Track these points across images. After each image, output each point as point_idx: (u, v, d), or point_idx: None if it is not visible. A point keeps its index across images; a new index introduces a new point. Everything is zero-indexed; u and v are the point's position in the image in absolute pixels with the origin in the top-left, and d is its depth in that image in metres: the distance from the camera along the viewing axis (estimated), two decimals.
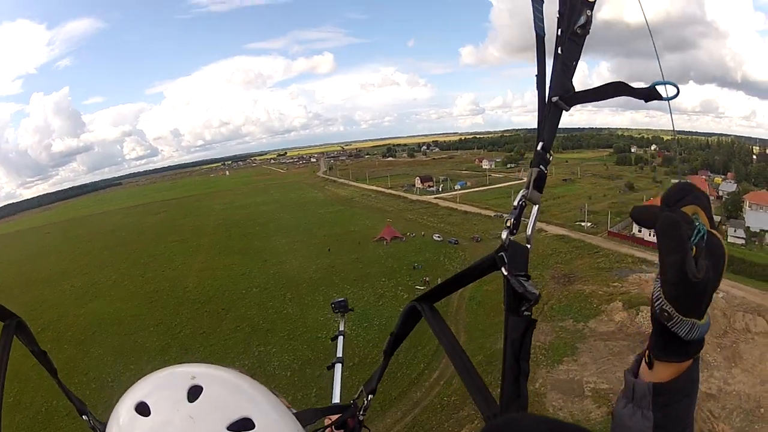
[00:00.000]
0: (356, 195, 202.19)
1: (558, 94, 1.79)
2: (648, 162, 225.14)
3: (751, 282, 79.99)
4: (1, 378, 1.96)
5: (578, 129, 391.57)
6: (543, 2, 1.87)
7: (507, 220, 1.86)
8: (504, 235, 1.84)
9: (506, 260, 1.78)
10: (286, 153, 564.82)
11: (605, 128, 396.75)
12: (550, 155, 1.81)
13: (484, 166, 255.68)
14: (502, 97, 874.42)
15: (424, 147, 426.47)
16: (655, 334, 1.51)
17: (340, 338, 5.42)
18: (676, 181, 1.49)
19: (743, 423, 48.66)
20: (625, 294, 76.28)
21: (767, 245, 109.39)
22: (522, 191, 1.84)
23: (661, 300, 1.39)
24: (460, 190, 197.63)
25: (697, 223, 1.32)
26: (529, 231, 1.85)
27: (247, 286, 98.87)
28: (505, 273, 1.76)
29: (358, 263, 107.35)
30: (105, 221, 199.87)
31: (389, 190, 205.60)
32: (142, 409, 1.44)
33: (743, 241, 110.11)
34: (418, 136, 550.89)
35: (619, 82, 1.79)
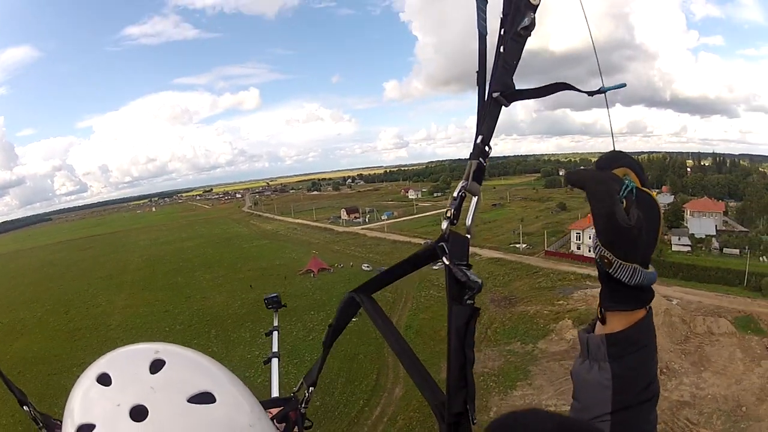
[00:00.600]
0: (281, 229, 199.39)
1: (499, 90, 1.78)
2: None
3: (704, 286, 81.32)
4: None
5: (503, 157, 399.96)
6: (486, 2, 1.84)
7: (447, 210, 1.83)
8: (444, 225, 1.83)
9: (447, 250, 1.76)
10: (212, 189, 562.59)
11: (531, 155, 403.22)
12: (489, 149, 1.81)
13: (410, 197, 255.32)
14: (426, 130, 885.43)
15: (349, 180, 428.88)
16: (602, 286, 1.60)
17: (275, 333, 5.22)
18: None
19: (726, 425, 46.62)
20: (573, 311, 73.08)
21: (715, 249, 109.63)
22: (461, 182, 1.82)
23: (599, 248, 1.46)
24: (387, 220, 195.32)
25: (626, 180, 1.37)
26: (468, 221, 1.82)
27: (170, 323, 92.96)
28: (447, 262, 1.73)
29: (285, 297, 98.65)
30: (33, 257, 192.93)
31: (315, 223, 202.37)
32: (104, 380, 1.42)
33: (689, 248, 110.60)
34: (343, 170, 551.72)
35: (562, 82, 1.80)
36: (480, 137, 1.77)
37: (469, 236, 1.77)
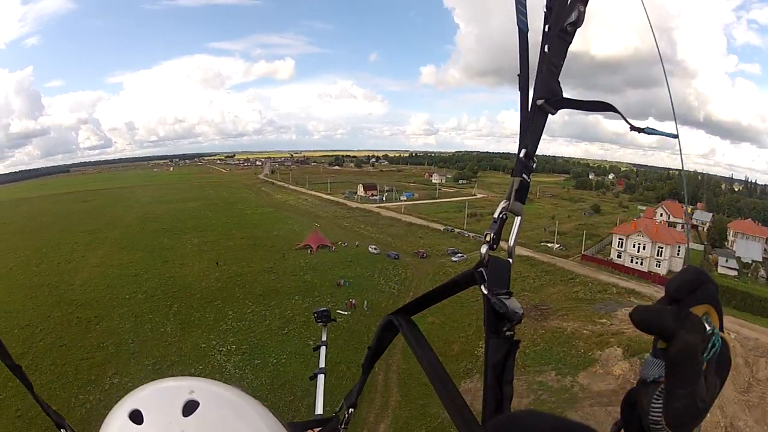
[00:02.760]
0: (291, 199, 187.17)
1: (544, 97, 1.61)
2: (609, 188, 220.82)
3: (759, 320, 68.48)
4: None
5: None
6: None
7: (486, 234, 1.66)
8: (483, 249, 1.64)
9: (486, 277, 1.59)
10: (234, 155, 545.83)
11: (559, 156, 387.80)
12: (534, 162, 1.64)
13: (434, 181, 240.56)
14: (457, 119, 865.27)
15: (373, 159, 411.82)
16: None
17: (323, 348, 4.54)
18: (684, 267, 1.09)
19: None
20: (619, 335, 57.72)
21: (762, 277, 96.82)
22: (503, 202, 1.66)
23: (660, 426, 1.08)
24: (406, 201, 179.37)
25: (713, 336, 1.05)
26: (511, 243, 1.68)
27: (133, 291, 79.52)
28: (485, 291, 1.56)
29: (271, 274, 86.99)
30: (33, 206, 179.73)
31: (328, 196, 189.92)
32: (136, 417, 1.37)
33: (736, 272, 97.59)
34: (370, 150, 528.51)
35: (609, 103, 1.63)
36: (523, 150, 1.61)
37: (510, 261, 1.63)
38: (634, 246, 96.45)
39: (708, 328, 1.04)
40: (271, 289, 78.41)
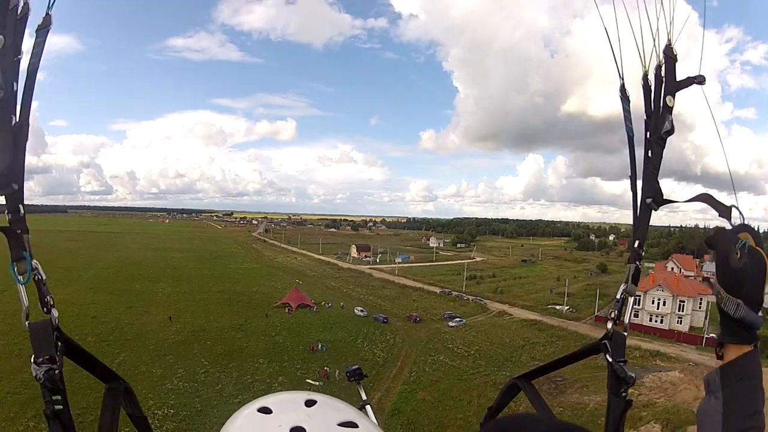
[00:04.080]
0: (280, 257, 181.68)
1: (650, 196, 1.87)
2: (611, 248, 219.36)
3: None
4: None
5: (529, 221, 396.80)
6: (629, 102, 1.95)
7: (611, 311, 1.91)
8: (609, 325, 1.90)
9: (609, 348, 1.87)
10: (232, 213, 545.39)
11: (558, 221, 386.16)
12: (643, 251, 1.89)
13: (431, 244, 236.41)
14: (456, 186, 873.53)
15: (370, 223, 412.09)
16: (719, 324, 1.64)
17: (368, 408, 3.55)
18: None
19: None
20: (652, 407, 48.30)
21: None
22: (622, 286, 1.90)
23: (716, 285, 1.58)
24: (401, 263, 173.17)
25: (744, 240, 1.52)
26: (626, 321, 1.91)
27: (84, 332, 70.02)
28: (610, 360, 1.85)
29: (239, 332, 77.50)
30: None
31: (319, 256, 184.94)
32: (265, 410, 1.53)
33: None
34: (368, 216, 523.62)
35: (707, 194, 1.83)
36: (637, 241, 1.86)
37: (626, 334, 1.87)
38: (653, 302, 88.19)
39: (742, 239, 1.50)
40: (235, 348, 69.12)
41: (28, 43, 0.88)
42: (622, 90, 1.90)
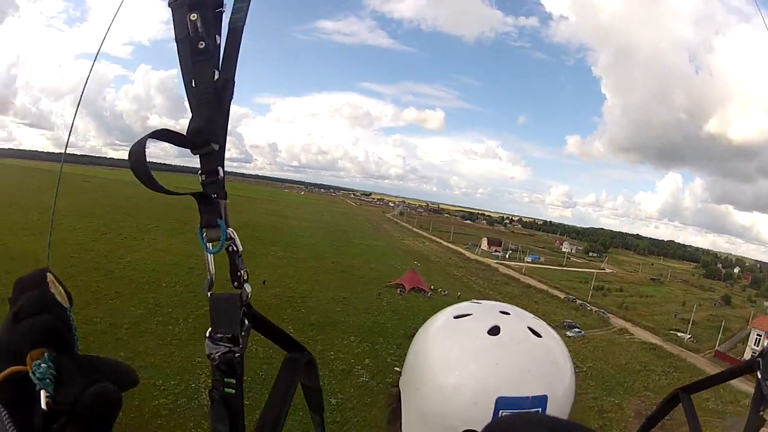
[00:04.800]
0: (409, 238, 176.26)
1: None
2: (736, 281, 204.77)
3: None
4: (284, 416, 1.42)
5: (661, 240, 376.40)
6: None
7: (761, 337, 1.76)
8: (766, 343, 1.87)
9: (762, 365, 1.83)
10: (370, 194, 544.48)
11: (689, 245, 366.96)
12: None
13: (563, 249, 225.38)
14: (595, 195, 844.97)
15: (507, 221, 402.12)
16: None
17: None
18: None
19: None
20: None
21: None
22: None
23: None
24: (530, 263, 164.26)
25: None
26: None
27: (174, 281, 70.07)
28: (759, 376, 1.81)
29: (341, 305, 71.30)
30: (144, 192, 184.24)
31: (448, 244, 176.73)
32: (461, 316, 1.47)
33: None
34: (506, 214, 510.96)
35: None
36: None
37: None
38: None
39: None
40: (329, 320, 62.75)
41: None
42: None
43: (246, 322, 1.24)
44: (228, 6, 1.29)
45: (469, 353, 1.34)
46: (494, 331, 1.37)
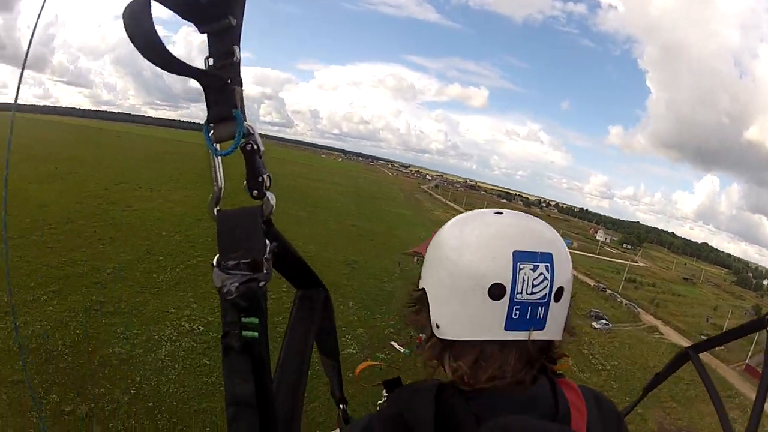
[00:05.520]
0: (439, 210, 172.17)
1: None
2: (766, 292, 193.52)
3: None
4: (307, 361, 1.56)
5: (695, 242, 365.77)
6: None
7: None
8: None
9: None
10: (409, 167, 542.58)
11: (721, 250, 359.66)
12: None
13: (598, 237, 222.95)
14: (633, 188, 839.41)
15: (543, 204, 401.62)
16: None
17: None
18: None
19: None
20: None
21: None
22: None
23: None
24: None
25: None
26: None
27: (174, 230, 69.24)
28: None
29: (348, 268, 68.49)
30: (179, 148, 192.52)
31: None
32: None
33: None
34: (544, 198, 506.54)
35: None
36: None
37: None
38: None
39: None
40: (331, 283, 52.74)
41: None
42: None
43: (269, 243, 1.13)
44: None
45: (482, 223, 1.46)
46: (499, 213, 1.50)
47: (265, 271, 1.07)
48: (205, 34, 1.08)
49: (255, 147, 1.11)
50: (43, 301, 41.11)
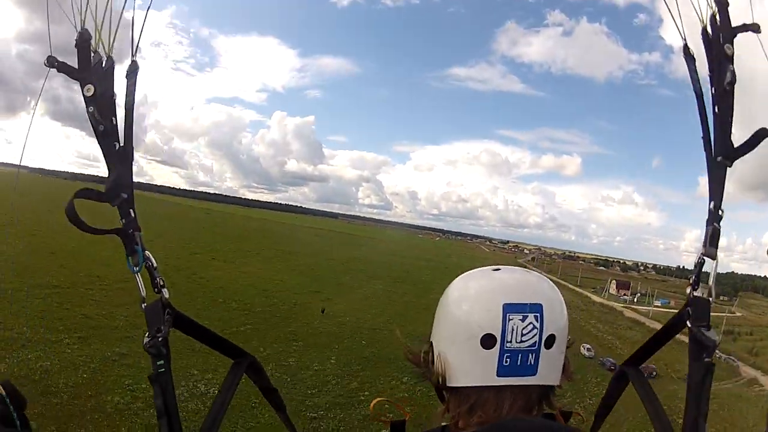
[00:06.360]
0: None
1: (721, 154, 1.85)
2: None
3: None
4: (222, 411, 2.05)
5: None
6: (695, 61, 1.94)
7: (690, 277, 1.91)
8: (688, 290, 1.89)
9: (690, 313, 1.84)
10: (508, 242, 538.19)
11: None
12: (721, 212, 1.88)
13: None
14: (726, 239, 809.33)
15: (641, 266, 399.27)
16: None
17: None
18: None
19: None
20: None
21: None
22: (701, 249, 1.90)
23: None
24: (660, 307, 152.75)
25: None
26: (711, 285, 1.88)
27: (246, 305, 67.29)
28: (689, 324, 1.82)
29: (412, 339, 58.19)
30: (267, 226, 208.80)
31: (575, 287, 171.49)
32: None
33: None
34: (642, 261, 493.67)
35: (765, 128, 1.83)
36: (712, 202, 1.84)
37: (711, 299, 1.82)
38: None
39: None
40: (386, 356, 55.10)
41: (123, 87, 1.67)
42: (686, 50, 1.88)
43: (167, 316, 1.72)
44: (121, 90, 1.67)
45: (482, 279, 1.68)
46: (497, 269, 1.69)
47: (163, 331, 1.65)
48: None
49: (151, 264, 1.72)
50: (65, 344, 41.34)
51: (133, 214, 1.66)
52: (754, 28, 1.54)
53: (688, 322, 1.79)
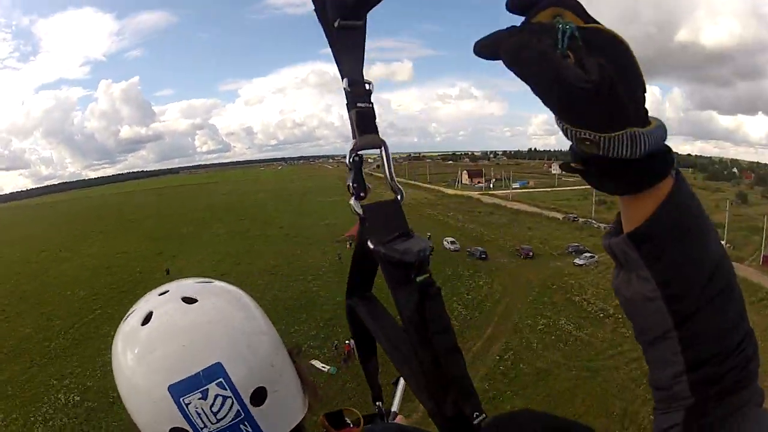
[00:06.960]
0: (381, 188, 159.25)
1: (338, 16, 1.23)
2: (739, 180, 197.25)
3: None
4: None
5: None
6: None
7: (348, 184, 1.39)
8: (352, 201, 1.41)
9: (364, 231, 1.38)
10: None
11: (679, 153, 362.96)
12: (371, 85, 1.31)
13: (553, 171, 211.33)
14: None
15: (491, 154, 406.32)
16: (597, 178, 1.00)
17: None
18: None
19: None
20: None
21: None
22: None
23: (568, 130, 0.93)
24: (517, 189, 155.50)
25: (559, 25, 0.87)
26: (387, 171, 1.45)
27: (73, 289, 64.98)
28: (371, 246, 1.28)
29: (268, 276, 63.84)
30: (107, 201, 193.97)
31: (426, 185, 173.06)
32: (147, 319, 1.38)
33: None
34: (490, 150, 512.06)
35: None
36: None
37: (399, 197, 1.37)
38: None
39: (555, 25, 0.88)
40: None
41: None
42: None
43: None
44: None
45: (132, 356, 1.31)
46: (147, 319, 1.32)
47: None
48: None
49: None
50: None
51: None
52: None
53: (369, 243, 1.28)
